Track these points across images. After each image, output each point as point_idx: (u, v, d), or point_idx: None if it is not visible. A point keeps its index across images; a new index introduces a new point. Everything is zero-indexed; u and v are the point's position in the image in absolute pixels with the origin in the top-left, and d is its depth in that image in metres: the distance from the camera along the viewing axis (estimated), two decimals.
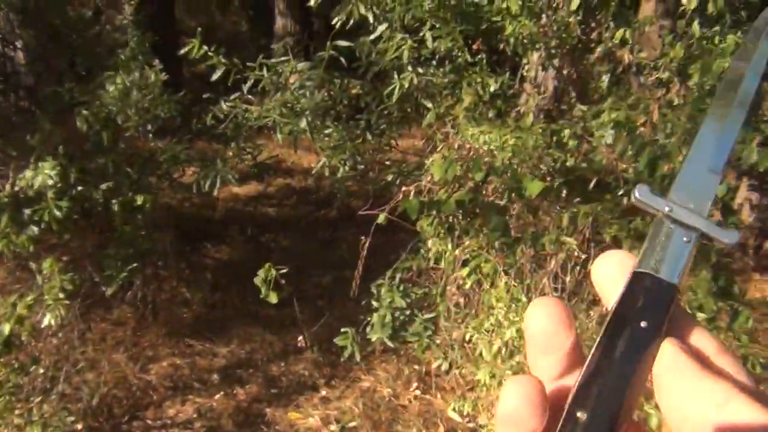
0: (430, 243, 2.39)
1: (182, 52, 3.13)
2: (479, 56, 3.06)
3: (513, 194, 2.36)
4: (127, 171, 3.09)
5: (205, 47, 3.10)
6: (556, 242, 2.29)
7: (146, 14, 8.21)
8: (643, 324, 0.34)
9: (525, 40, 2.60)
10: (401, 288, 3.15)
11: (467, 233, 2.34)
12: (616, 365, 0.33)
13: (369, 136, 3.46)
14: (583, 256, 2.34)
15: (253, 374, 3.80)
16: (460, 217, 2.40)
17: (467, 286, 2.46)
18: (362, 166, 3.13)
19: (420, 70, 3.05)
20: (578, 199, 2.35)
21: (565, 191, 2.41)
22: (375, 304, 3.23)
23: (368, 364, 3.95)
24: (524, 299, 2.35)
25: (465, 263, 2.38)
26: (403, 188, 2.45)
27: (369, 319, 3.20)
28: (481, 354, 2.59)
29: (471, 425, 3.44)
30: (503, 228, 2.36)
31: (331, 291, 4.70)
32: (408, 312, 3.26)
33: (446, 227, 2.36)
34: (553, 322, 0.35)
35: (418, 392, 3.72)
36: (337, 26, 2.91)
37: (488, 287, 2.37)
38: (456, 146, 2.39)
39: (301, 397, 3.61)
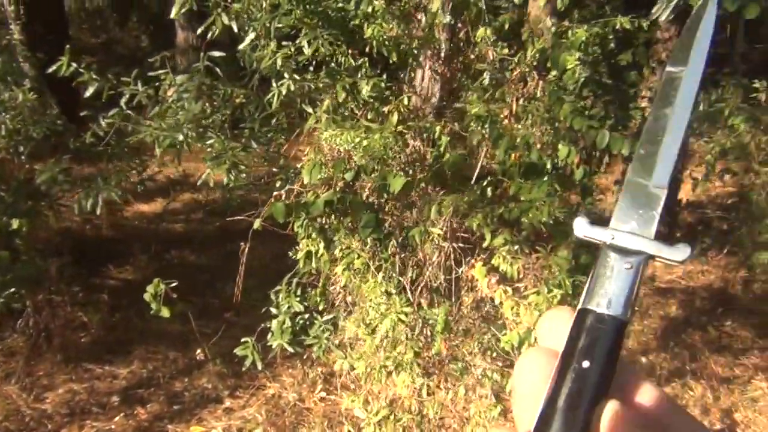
0: (301, 244, 2.44)
1: (50, 70, 3.07)
2: (361, 60, 3.14)
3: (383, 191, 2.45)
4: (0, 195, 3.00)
5: (74, 64, 3.05)
6: (423, 234, 2.39)
7: (36, 33, 7.95)
8: (585, 364, 0.33)
9: (387, 43, 2.69)
10: (299, 292, 3.19)
11: (338, 232, 2.41)
12: (560, 411, 0.32)
13: (254, 144, 3.48)
14: (452, 247, 2.46)
15: (155, 392, 3.74)
16: (333, 217, 2.47)
17: (342, 284, 2.53)
18: (244, 175, 3.14)
19: (296, 77, 3.09)
20: (443, 191, 2.46)
21: (433, 185, 2.52)
22: (274, 310, 3.26)
23: (273, 371, 3.96)
24: (393, 292, 2.44)
25: (338, 261, 2.45)
26: (275, 193, 2.50)
27: (269, 325, 3.22)
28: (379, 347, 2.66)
29: (376, 419, 3.51)
30: (374, 224, 2.44)
31: (233, 302, 4.68)
32: (307, 315, 3.30)
33: (317, 228, 2.42)
34: (543, 377, 0.34)
35: (323, 394, 3.76)
36: (210, 37, 2.93)
37: (360, 282, 2.44)
38: (325, 149, 2.46)
39: (204, 411, 3.59)
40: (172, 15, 2.71)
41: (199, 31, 2.74)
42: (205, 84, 3.25)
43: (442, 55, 3.28)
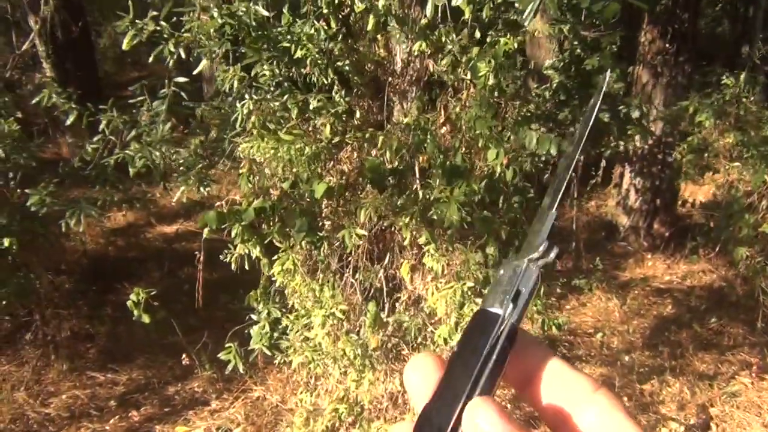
0: (239, 249, 2.68)
1: (34, 101, 3.43)
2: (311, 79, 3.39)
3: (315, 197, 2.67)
4: None
5: (55, 96, 3.40)
6: (351, 235, 2.60)
7: (67, 71, 8.56)
8: (472, 361, 0.36)
9: (320, 63, 2.93)
10: (277, 299, 3.43)
11: (272, 236, 2.64)
12: (439, 408, 0.35)
13: (224, 160, 3.76)
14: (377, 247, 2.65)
15: (149, 397, 4.03)
16: (271, 223, 2.70)
17: (277, 284, 2.76)
18: (209, 188, 3.42)
19: (255, 96, 3.36)
20: (370, 195, 2.66)
21: (362, 190, 2.73)
22: (254, 317, 3.50)
23: (261, 375, 4.21)
24: (327, 291, 2.65)
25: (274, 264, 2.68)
26: (216, 203, 2.75)
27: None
28: (320, 345, 2.87)
29: (349, 418, 3.70)
30: (306, 228, 2.66)
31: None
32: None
33: (252, 233, 2.66)
34: (428, 381, 0.37)
35: (305, 395, 3.97)
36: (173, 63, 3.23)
37: (293, 282, 2.66)
38: (258, 160, 2.70)
39: (191, 412, 3.85)
40: (123, 47, 3.02)
41: (150, 59, 3.03)
42: (173, 107, 3.55)
43: (396, 69, 3.50)
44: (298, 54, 2.83)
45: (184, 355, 3.87)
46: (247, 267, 2.69)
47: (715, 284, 5.37)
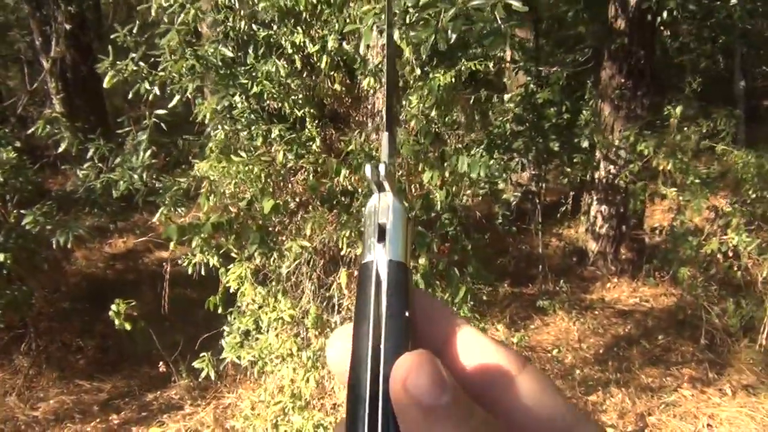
0: (198, 257, 3.05)
1: (29, 132, 3.88)
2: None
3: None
4: None
5: (49, 126, 3.85)
6: (296, 247, 2.98)
7: (75, 105, 9.11)
8: (363, 322, 0.34)
9: (275, 96, 3.36)
10: (248, 312, 3.79)
11: (226, 247, 3.02)
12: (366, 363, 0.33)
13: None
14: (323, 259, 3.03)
15: (129, 402, 4.39)
16: (230, 236, 3.08)
17: (235, 289, 3.12)
18: (183, 209, 3.82)
19: (227, 127, 3.79)
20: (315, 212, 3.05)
21: (308, 207, 3.12)
22: (226, 329, 3.87)
23: (235, 383, 4.55)
24: (276, 297, 3.02)
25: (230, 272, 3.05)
26: (180, 219, 3.14)
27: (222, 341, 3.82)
28: (270, 345, 3.23)
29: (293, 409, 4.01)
30: (259, 241, 3.05)
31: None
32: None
33: (213, 246, 3.04)
34: (345, 357, 0.35)
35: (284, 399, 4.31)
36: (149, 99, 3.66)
37: (246, 288, 3.03)
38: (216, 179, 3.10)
39: (166, 416, 4.19)
40: (105, 85, 3.46)
41: (129, 96, 3.47)
42: (153, 137, 3.98)
43: (351, 103, 3.92)
44: (255, 89, 3.25)
45: (161, 364, 4.23)
46: (203, 273, 3.07)
47: (671, 305, 5.66)
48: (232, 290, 3.11)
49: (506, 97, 4.70)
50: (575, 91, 7.14)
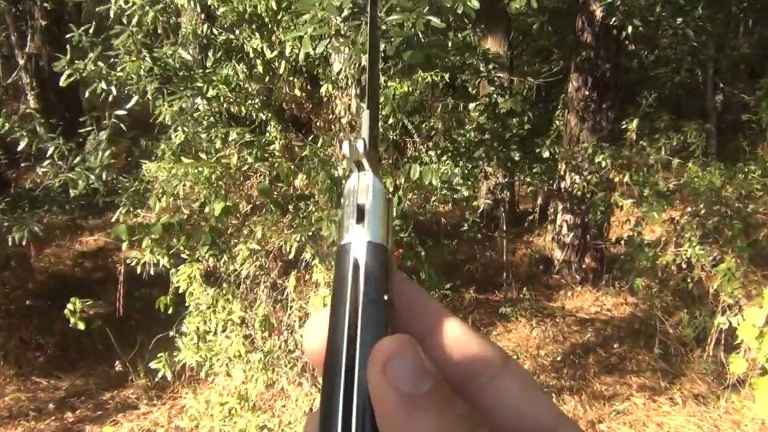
0: (147, 257, 3.09)
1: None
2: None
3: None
4: None
5: (7, 124, 3.86)
6: (246, 249, 3.02)
7: (49, 102, 9.08)
8: (340, 306, 0.33)
9: (232, 100, 3.41)
10: (195, 313, 3.81)
11: (177, 248, 3.06)
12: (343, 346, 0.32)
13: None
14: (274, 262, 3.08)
15: (86, 401, 4.40)
16: (182, 237, 3.11)
17: (181, 290, 3.16)
18: (140, 210, 3.85)
19: (186, 129, 3.82)
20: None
21: (261, 211, 3.16)
22: (185, 329, 3.89)
23: (192, 384, 4.57)
24: (225, 299, 3.06)
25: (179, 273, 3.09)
26: (139, 219, 3.18)
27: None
28: (220, 346, 3.26)
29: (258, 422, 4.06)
30: (210, 242, 3.08)
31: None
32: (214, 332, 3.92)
33: (164, 246, 3.07)
34: (321, 344, 0.33)
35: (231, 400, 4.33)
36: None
37: (196, 289, 3.07)
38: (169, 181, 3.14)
39: (121, 415, 4.21)
40: (61, 83, 3.49)
41: (86, 95, 3.50)
42: (113, 137, 4.00)
43: (313, 108, 3.97)
44: (211, 92, 3.29)
45: (117, 363, 4.24)
46: (152, 272, 3.10)
47: (630, 314, 5.76)
48: (181, 291, 3.14)
49: (471, 106, 4.77)
50: (548, 101, 7.26)
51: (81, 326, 3.88)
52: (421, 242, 3.75)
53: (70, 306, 3.92)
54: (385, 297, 0.34)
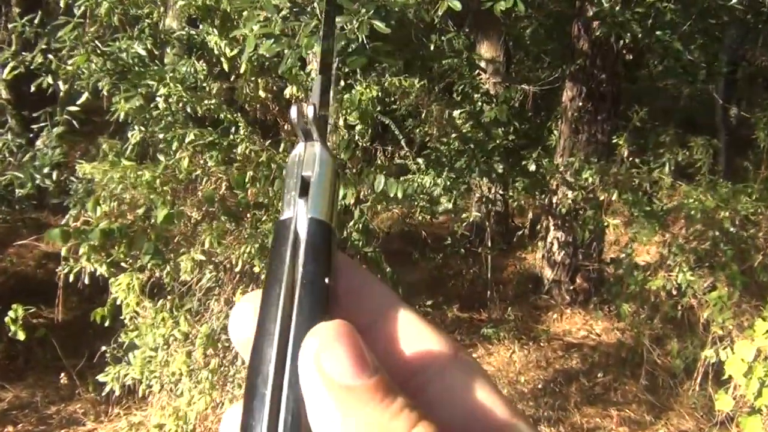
0: (83, 264, 3.00)
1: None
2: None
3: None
4: None
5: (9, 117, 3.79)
6: (189, 260, 2.94)
7: (23, 93, 9.04)
8: (274, 287, 0.31)
9: (185, 99, 3.34)
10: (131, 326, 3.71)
11: (119, 255, 2.98)
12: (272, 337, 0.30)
13: None
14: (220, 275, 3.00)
15: (29, 415, 4.30)
16: (122, 245, 3.03)
17: (121, 300, 3.08)
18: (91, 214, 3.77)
19: (142, 128, 3.75)
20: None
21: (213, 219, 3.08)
22: (137, 342, 3.80)
23: (146, 400, 4.47)
24: (165, 313, 2.98)
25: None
26: (73, 223, 3.10)
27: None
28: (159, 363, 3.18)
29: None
30: (152, 251, 3.00)
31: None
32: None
33: (103, 254, 2.99)
34: (251, 332, 0.31)
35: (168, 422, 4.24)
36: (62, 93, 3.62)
37: (133, 302, 2.99)
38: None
39: (65, 431, 4.12)
40: (4, 76, 3.42)
41: (32, 89, 3.43)
42: (65, 135, 3.93)
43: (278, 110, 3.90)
44: (162, 91, 3.21)
45: (62, 375, 4.15)
46: (87, 281, 3.02)
47: (624, 341, 5.66)
48: (119, 302, 3.06)
49: (455, 113, 4.70)
50: (547, 110, 7.18)
51: (21, 336, 3.80)
52: (407, 254, 3.67)
53: (11, 313, 3.83)
54: (326, 280, 0.32)
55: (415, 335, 0.34)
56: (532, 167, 4.78)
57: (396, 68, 3.69)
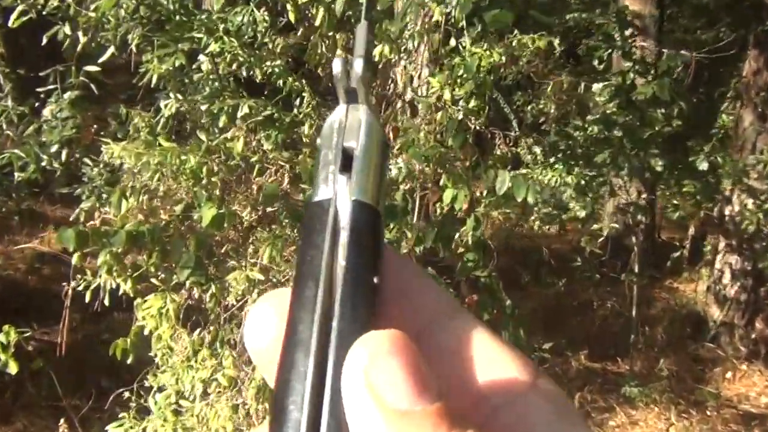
0: (103, 279, 2.97)
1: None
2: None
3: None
4: None
5: None
6: (245, 279, 2.88)
7: (20, 46, 9.38)
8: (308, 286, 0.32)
9: (242, 59, 3.31)
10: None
11: (150, 269, 2.94)
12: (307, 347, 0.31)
13: None
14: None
15: None
16: (155, 254, 3.00)
17: (150, 330, 3.03)
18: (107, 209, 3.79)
19: (179, 96, 3.74)
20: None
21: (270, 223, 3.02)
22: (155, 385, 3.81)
23: None
24: (206, 350, 2.93)
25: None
26: (89, 222, 3.08)
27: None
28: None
29: None
30: (193, 265, 2.96)
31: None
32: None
33: (127, 265, 2.96)
34: (272, 340, 0.34)
35: None
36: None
37: (167, 332, 2.94)
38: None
39: None
40: (10, 24, 3.45)
41: (44, 41, 3.46)
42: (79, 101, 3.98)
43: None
44: (213, 47, 3.18)
45: (62, 421, 4.20)
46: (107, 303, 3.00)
47: None
48: (148, 330, 3.03)
49: (595, 87, 4.54)
50: (713, 87, 6.92)
51: (12, 368, 3.82)
52: (513, 276, 3.55)
53: (1, 337, 3.87)
54: (375, 279, 0.33)
55: (481, 353, 0.35)
56: (704, 165, 4.57)
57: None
